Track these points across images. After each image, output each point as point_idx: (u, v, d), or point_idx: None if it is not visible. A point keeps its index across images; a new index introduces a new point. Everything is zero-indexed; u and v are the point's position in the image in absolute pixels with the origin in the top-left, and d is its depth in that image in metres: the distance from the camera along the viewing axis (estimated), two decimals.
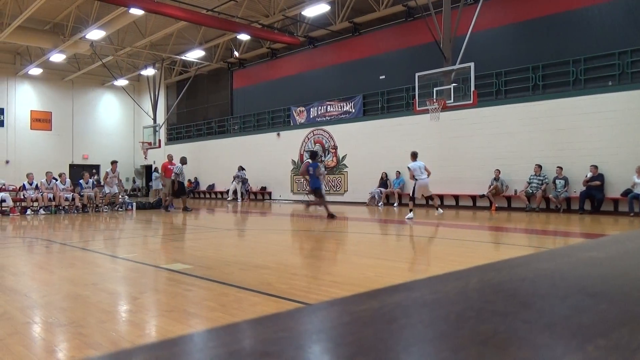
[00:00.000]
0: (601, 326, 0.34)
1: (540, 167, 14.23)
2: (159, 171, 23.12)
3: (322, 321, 0.38)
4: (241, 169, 23.17)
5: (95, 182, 17.51)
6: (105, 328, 3.32)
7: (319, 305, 0.43)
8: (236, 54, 24.55)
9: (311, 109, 21.86)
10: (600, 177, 13.02)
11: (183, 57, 25.32)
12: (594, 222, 10.97)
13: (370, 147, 19.11)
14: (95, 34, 20.96)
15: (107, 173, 16.65)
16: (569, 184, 13.84)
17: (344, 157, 20.43)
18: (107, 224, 12.69)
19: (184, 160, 15.89)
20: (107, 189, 16.67)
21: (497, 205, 15.17)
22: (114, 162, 16.87)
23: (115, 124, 32.28)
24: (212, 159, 26.61)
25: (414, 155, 12.38)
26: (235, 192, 22.74)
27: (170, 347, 0.39)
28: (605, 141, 13.26)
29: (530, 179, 14.45)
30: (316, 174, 12.28)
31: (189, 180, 27.87)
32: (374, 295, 0.41)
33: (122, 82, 29.07)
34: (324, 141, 21.24)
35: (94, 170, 25.64)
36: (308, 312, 0.42)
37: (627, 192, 12.68)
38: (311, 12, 18.76)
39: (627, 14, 13.60)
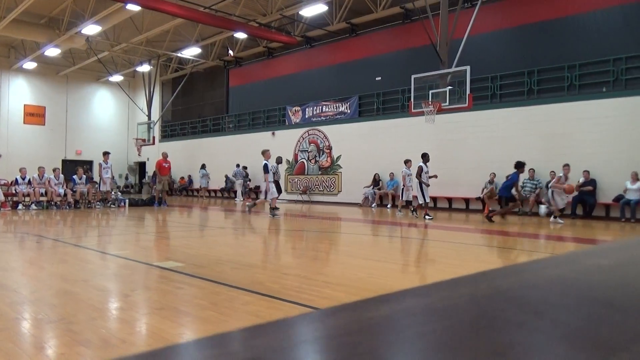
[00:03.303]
0: (620, 338, 0.32)
1: (533, 171, 14.29)
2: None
3: (328, 328, 0.36)
4: (243, 167, 23.15)
5: (88, 179, 17.40)
6: (95, 325, 3.29)
7: (325, 311, 0.41)
8: (231, 53, 24.47)
9: (307, 109, 21.84)
10: (592, 182, 13.08)
11: (179, 54, 25.24)
12: (586, 227, 11.02)
13: (365, 148, 19.12)
14: (91, 29, 20.83)
15: (100, 165, 16.57)
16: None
17: (338, 158, 20.43)
18: (99, 220, 12.61)
19: (279, 160, 15.33)
20: (101, 186, 16.56)
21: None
22: (106, 153, 16.77)
23: (109, 120, 32.11)
24: (206, 157, 26.53)
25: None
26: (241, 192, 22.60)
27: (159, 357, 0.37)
28: (599, 147, 13.33)
29: (524, 183, 14.50)
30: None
31: (182, 177, 27.79)
32: (382, 300, 0.40)
33: (117, 78, 28.94)
34: (318, 141, 21.22)
35: (86, 166, 25.50)
36: (319, 316, 0.40)
37: (618, 198, 12.75)
38: (308, 12, 18.75)
39: (622, 21, 13.69)
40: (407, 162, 14.40)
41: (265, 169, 13.14)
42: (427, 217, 12.51)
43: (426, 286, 0.44)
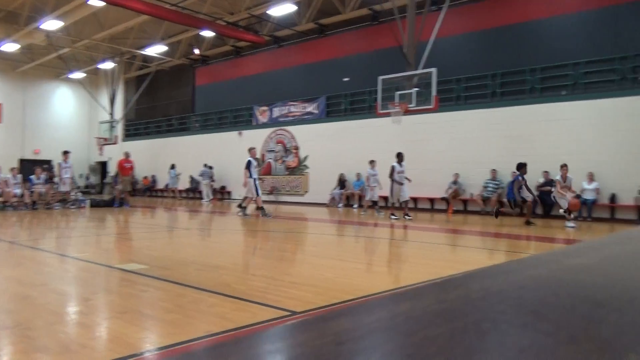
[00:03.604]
0: (624, 339, 0.32)
1: (495, 171, 14.63)
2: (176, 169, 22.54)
3: (329, 335, 0.34)
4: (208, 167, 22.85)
5: (46, 178, 16.82)
6: (54, 330, 3.16)
7: (323, 316, 0.39)
8: (196, 51, 24.05)
9: (274, 109, 21.75)
10: (551, 182, 13.46)
11: (144, 52, 24.72)
12: (546, 227, 11.33)
13: (332, 148, 19.17)
14: (51, 25, 20.18)
15: (59, 164, 16.05)
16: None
17: (305, 158, 20.41)
18: (58, 222, 12.22)
19: (259, 161, 15.41)
20: (61, 186, 16.04)
21: (454, 208, 15.49)
22: (65, 152, 16.25)
23: (70, 118, 31.18)
24: (171, 157, 26.08)
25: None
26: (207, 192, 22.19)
27: None
28: (558, 148, 13.73)
29: (486, 183, 14.82)
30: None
31: (145, 177, 27.23)
32: (378, 304, 0.38)
33: (78, 75, 28.13)
34: (285, 141, 21.16)
35: (45, 166, 24.69)
36: (317, 321, 0.38)
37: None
38: (277, 11, 18.68)
39: (581, 27, 14.16)
40: (371, 162, 14.52)
41: (247, 165, 12.86)
42: (392, 216, 12.70)
43: (420, 287, 0.42)
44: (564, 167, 11.61)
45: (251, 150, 13.52)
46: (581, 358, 0.30)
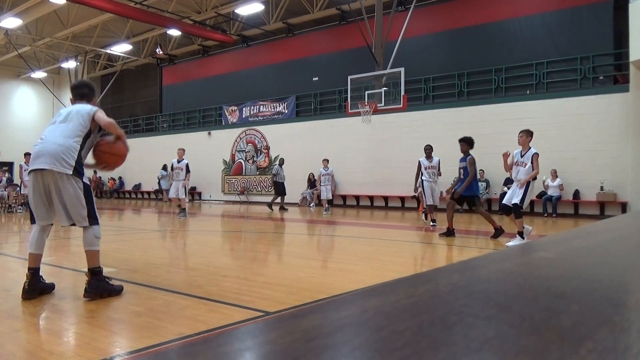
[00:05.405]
0: (582, 328, 0.34)
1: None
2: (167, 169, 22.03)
3: (301, 331, 0.35)
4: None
5: (8, 181, 16.31)
6: (19, 337, 3.08)
7: (294, 314, 0.39)
8: (158, 50, 23.63)
9: (244, 109, 21.61)
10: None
11: (108, 51, 24.19)
12: (512, 223, 11.58)
13: (303, 148, 19.17)
14: (10, 22, 19.55)
15: (21, 166, 15.57)
16: (490, 186, 14.58)
17: (276, 158, 20.35)
18: (21, 225, 11.86)
19: (281, 162, 15.96)
20: (23, 189, 15.56)
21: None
22: (27, 154, 15.77)
23: (32, 118, 30.27)
24: (138, 158, 25.58)
25: None
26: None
27: None
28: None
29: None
30: None
31: (112, 178, 26.68)
32: (347, 300, 0.39)
33: (40, 74, 27.33)
34: (256, 141, 21.05)
35: (5, 168, 23.92)
36: (289, 318, 0.39)
37: (541, 195, 13.54)
38: (245, 10, 18.56)
39: (544, 28, 14.56)
40: (324, 161, 14.67)
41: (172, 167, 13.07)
42: (423, 215, 11.41)
43: (389, 283, 0.44)
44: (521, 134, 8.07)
45: (178, 151, 12.99)
46: (543, 347, 0.32)
